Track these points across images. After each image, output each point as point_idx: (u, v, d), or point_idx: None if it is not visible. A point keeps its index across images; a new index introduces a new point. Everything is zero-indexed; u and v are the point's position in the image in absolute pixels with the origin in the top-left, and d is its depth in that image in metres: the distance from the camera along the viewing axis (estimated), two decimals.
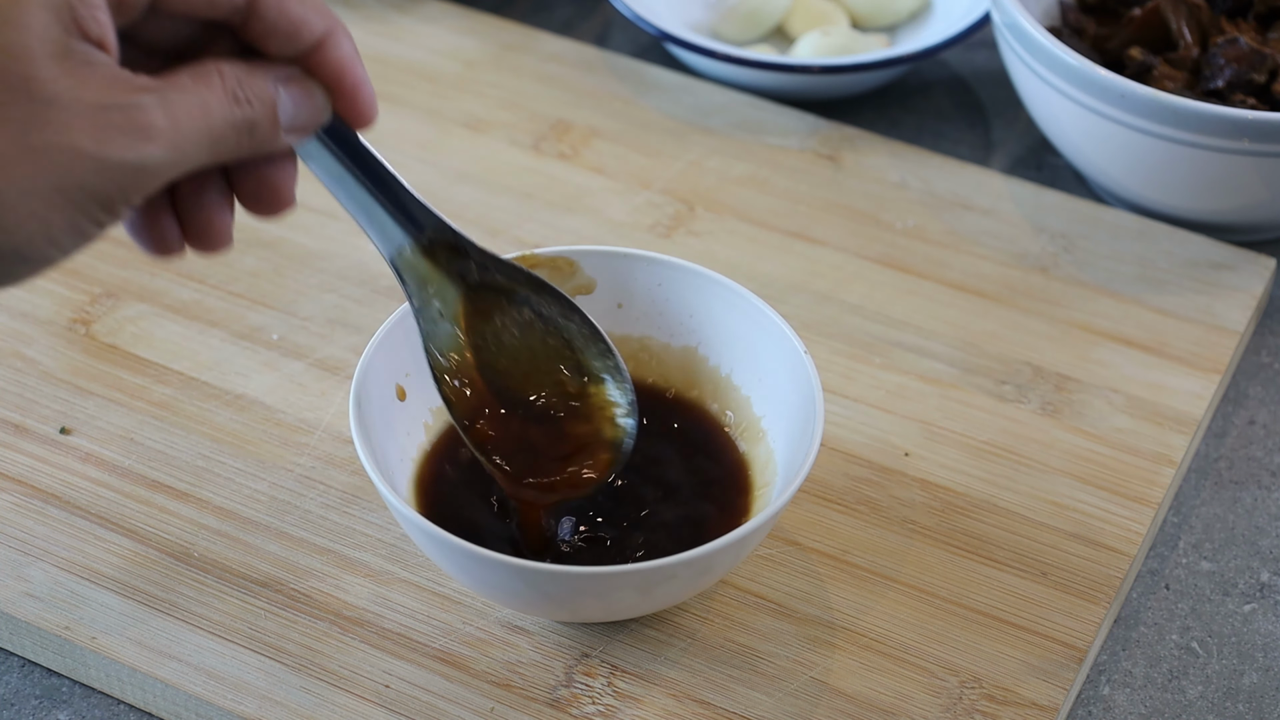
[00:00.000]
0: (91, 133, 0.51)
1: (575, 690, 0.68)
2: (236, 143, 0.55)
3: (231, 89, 0.55)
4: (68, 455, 0.76)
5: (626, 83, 0.97)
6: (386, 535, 0.73)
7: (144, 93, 0.52)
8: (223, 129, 0.55)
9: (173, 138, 0.53)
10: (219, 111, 0.55)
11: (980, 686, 0.69)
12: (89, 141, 0.51)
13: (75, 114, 0.51)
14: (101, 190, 0.52)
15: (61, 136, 0.51)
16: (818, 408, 0.68)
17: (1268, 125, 0.82)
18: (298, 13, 0.56)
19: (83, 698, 0.70)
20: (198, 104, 0.54)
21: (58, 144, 0.51)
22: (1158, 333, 0.84)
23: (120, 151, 0.52)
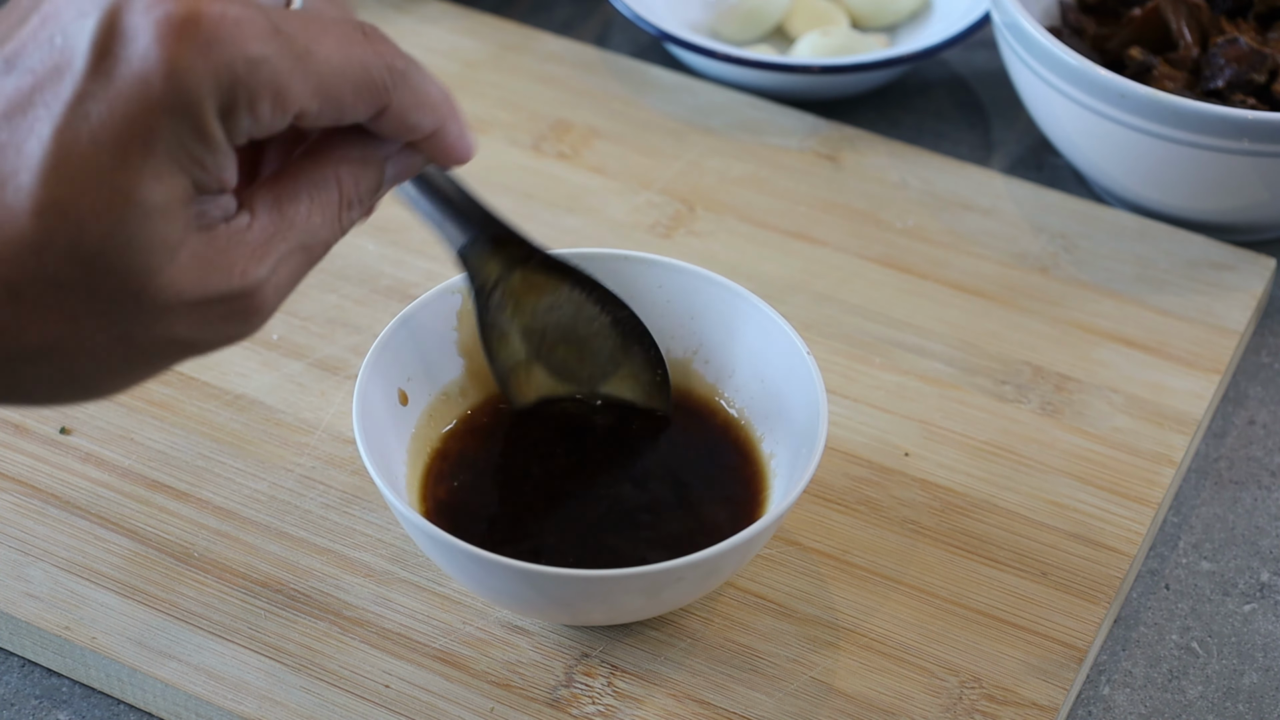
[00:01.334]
0: (193, 327, 0.50)
1: (575, 690, 0.68)
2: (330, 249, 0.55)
3: (348, 198, 0.54)
4: (68, 455, 0.76)
5: (626, 83, 0.97)
6: (386, 535, 0.73)
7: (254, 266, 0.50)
8: (323, 252, 0.54)
9: (273, 306, 0.52)
10: (324, 243, 0.53)
11: (980, 686, 0.69)
12: (189, 333, 0.50)
13: (180, 314, 0.49)
14: (189, 357, 0.52)
15: (163, 332, 0.50)
16: (821, 409, 0.68)
17: (1268, 125, 0.82)
18: (414, 120, 0.54)
19: (83, 698, 0.70)
20: (305, 248, 0.52)
21: (156, 338, 0.50)
22: (1158, 333, 0.84)
23: (219, 338, 0.51)
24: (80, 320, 0.49)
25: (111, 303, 0.49)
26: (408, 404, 0.71)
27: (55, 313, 0.48)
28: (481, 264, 0.70)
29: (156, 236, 0.48)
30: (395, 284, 0.84)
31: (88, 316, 0.49)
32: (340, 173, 0.54)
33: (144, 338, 0.50)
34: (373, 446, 0.67)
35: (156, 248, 0.48)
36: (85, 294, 0.48)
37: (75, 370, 0.50)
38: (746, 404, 0.73)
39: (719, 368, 0.74)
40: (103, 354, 0.50)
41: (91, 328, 0.49)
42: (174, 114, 0.47)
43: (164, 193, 0.48)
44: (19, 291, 0.48)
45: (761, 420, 0.73)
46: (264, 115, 0.49)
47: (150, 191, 0.48)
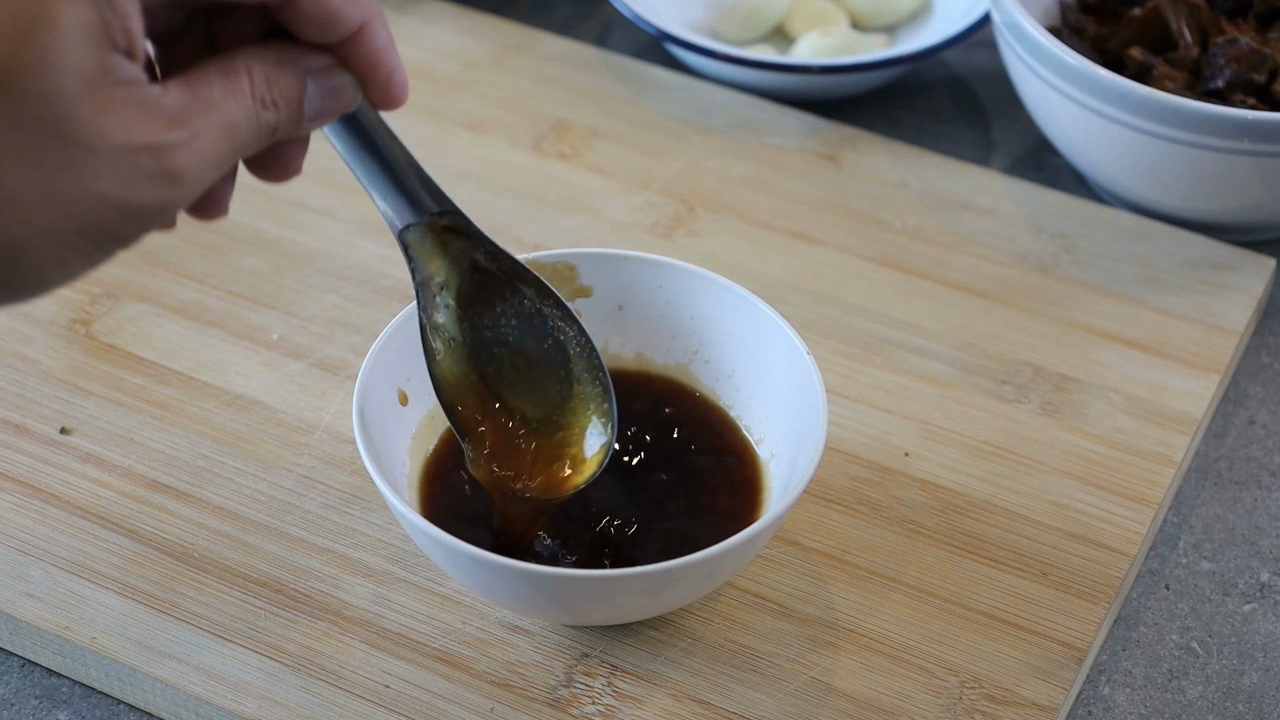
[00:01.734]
0: (118, 178, 0.50)
1: (575, 690, 0.68)
2: (256, 147, 0.54)
3: (260, 94, 0.54)
4: (68, 455, 0.76)
5: (626, 83, 0.97)
6: (386, 535, 0.73)
7: (173, 128, 0.51)
8: (246, 142, 0.54)
9: (198, 175, 0.52)
10: (245, 127, 0.53)
11: (980, 686, 0.69)
12: (115, 188, 0.50)
13: (104, 159, 0.50)
14: (121, 229, 0.51)
15: (88, 183, 0.50)
16: (821, 409, 0.68)
17: (1268, 125, 0.82)
18: (336, 4, 0.54)
19: (83, 698, 0.70)
20: (224, 126, 0.52)
21: (84, 190, 0.50)
22: (1158, 333, 0.84)
23: (145, 196, 0.51)
24: (2, 159, 0.48)
25: (32, 133, 0.48)
26: (408, 404, 0.71)
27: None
28: (428, 254, 0.66)
29: (71, 57, 0.48)
30: (395, 284, 0.84)
31: (9, 154, 0.48)
32: (250, 65, 0.54)
33: (69, 189, 0.49)
34: (372, 446, 0.67)
35: (72, 69, 0.48)
36: (4, 122, 0.48)
37: (5, 231, 0.49)
38: (746, 404, 0.73)
39: (719, 368, 0.74)
40: (30, 207, 0.49)
41: (15, 168, 0.48)
42: None
43: (74, 13, 0.48)
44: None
45: (762, 420, 0.73)
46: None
47: (59, 11, 0.48)
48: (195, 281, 0.84)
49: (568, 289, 0.74)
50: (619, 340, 0.75)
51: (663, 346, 0.75)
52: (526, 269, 0.68)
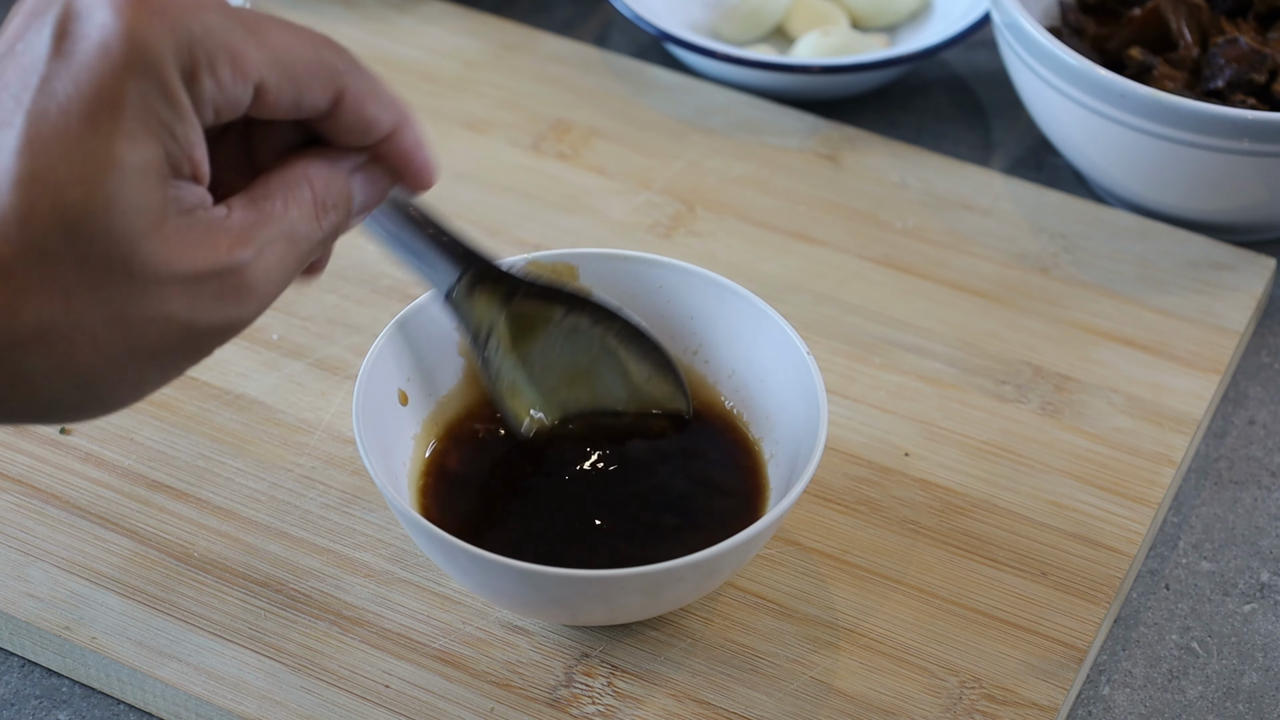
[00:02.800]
0: (188, 304, 0.51)
1: (575, 690, 0.68)
2: (318, 252, 0.56)
3: (320, 199, 0.55)
4: (68, 455, 0.76)
5: (626, 83, 0.97)
6: (386, 535, 0.73)
7: (239, 247, 0.52)
8: (309, 249, 0.55)
9: (265, 290, 0.53)
10: (307, 237, 0.54)
11: (980, 686, 0.69)
12: (185, 311, 0.51)
13: (171, 289, 0.50)
14: (192, 349, 0.52)
15: (159, 310, 0.50)
16: (821, 410, 0.68)
17: (1268, 125, 0.82)
18: (373, 113, 0.56)
19: (83, 698, 0.70)
20: (288, 239, 0.53)
21: (154, 317, 0.50)
22: (1158, 333, 0.84)
23: (215, 317, 0.52)
24: (73, 296, 0.49)
25: (101, 272, 0.49)
26: (408, 404, 0.71)
27: (48, 287, 0.49)
28: (471, 307, 0.69)
29: (137, 198, 0.49)
30: (395, 284, 0.84)
31: (80, 291, 0.49)
32: (309, 173, 0.55)
33: (139, 316, 0.50)
34: (372, 446, 0.67)
35: (138, 209, 0.49)
36: (75, 263, 0.49)
37: (77, 360, 0.50)
38: (746, 404, 0.73)
39: (719, 367, 0.74)
40: (102, 338, 0.50)
41: (85, 305, 0.49)
42: (137, 74, 0.49)
43: (138, 155, 0.49)
44: (9, 268, 0.48)
45: (762, 420, 0.72)
46: (225, 79, 0.51)
47: (124, 153, 0.49)
48: None
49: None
50: None
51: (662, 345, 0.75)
52: (556, 288, 0.71)
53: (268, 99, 0.52)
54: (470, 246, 0.68)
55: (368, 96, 0.56)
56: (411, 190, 0.59)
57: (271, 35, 0.52)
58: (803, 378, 0.70)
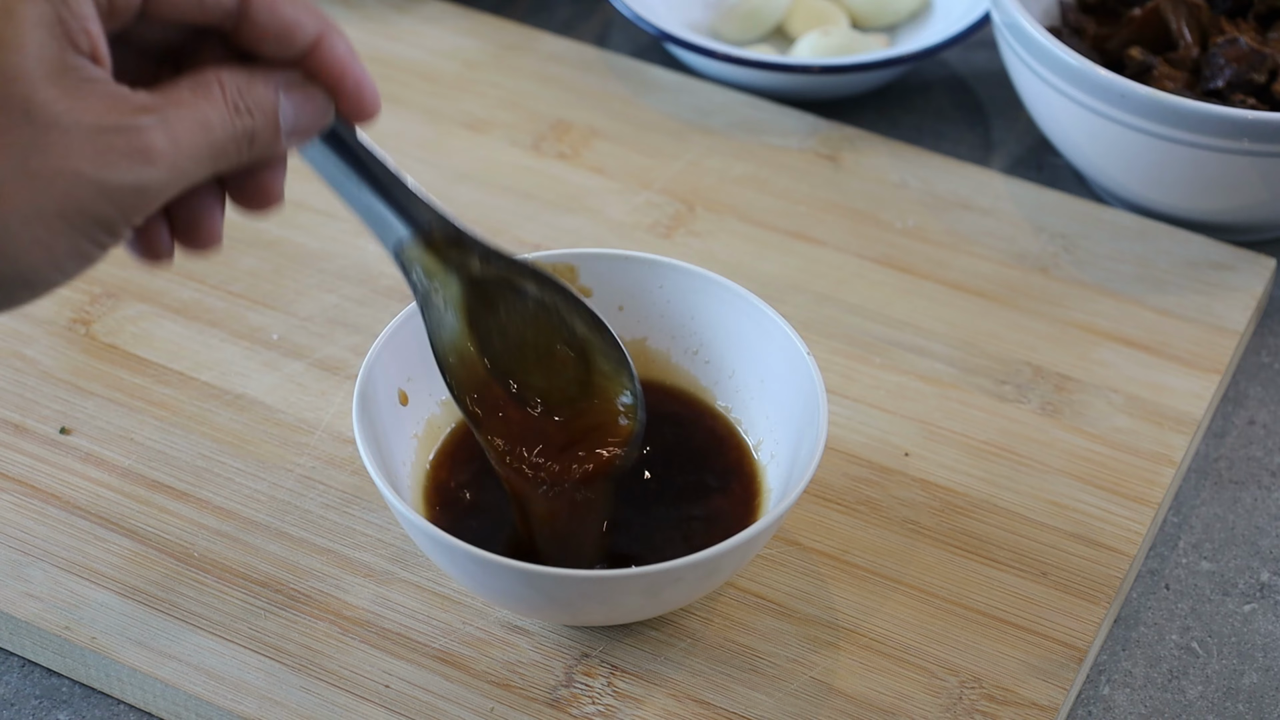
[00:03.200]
0: (92, 156, 0.51)
1: (575, 690, 0.68)
2: (237, 154, 0.55)
3: (233, 100, 0.55)
4: (68, 455, 0.76)
5: (626, 83, 0.97)
6: (386, 535, 0.73)
7: (144, 113, 0.52)
8: (224, 143, 0.54)
9: (174, 158, 0.53)
10: (220, 126, 0.54)
11: (980, 686, 0.69)
12: (90, 165, 0.51)
13: (75, 137, 0.51)
14: (103, 213, 0.52)
15: (63, 161, 0.50)
16: (821, 410, 0.67)
17: (1268, 125, 0.82)
18: (290, 14, 0.55)
19: (83, 698, 0.70)
20: (198, 121, 0.53)
21: (59, 169, 0.50)
22: (1158, 333, 0.84)
23: (121, 175, 0.51)
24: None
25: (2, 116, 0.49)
26: (408, 404, 0.71)
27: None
28: (425, 269, 0.66)
29: (34, 42, 0.50)
30: (395, 284, 0.84)
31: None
32: (220, 75, 0.55)
33: (44, 167, 0.50)
34: (372, 447, 0.67)
35: (35, 55, 0.50)
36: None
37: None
38: (746, 404, 0.73)
39: (719, 368, 0.74)
40: (7, 190, 0.50)
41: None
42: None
43: (30, 9, 0.50)
44: None
45: (762, 420, 0.72)
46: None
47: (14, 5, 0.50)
48: (195, 281, 0.84)
49: None
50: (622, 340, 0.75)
51: (663, 346, 0.75)
52: (525, 264, 0.67)
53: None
54: (427, 200, 0.64)
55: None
56: (353, 118, 0.58)
57: None
58: (803, 378, 0.70)
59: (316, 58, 0.57)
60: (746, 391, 0.73)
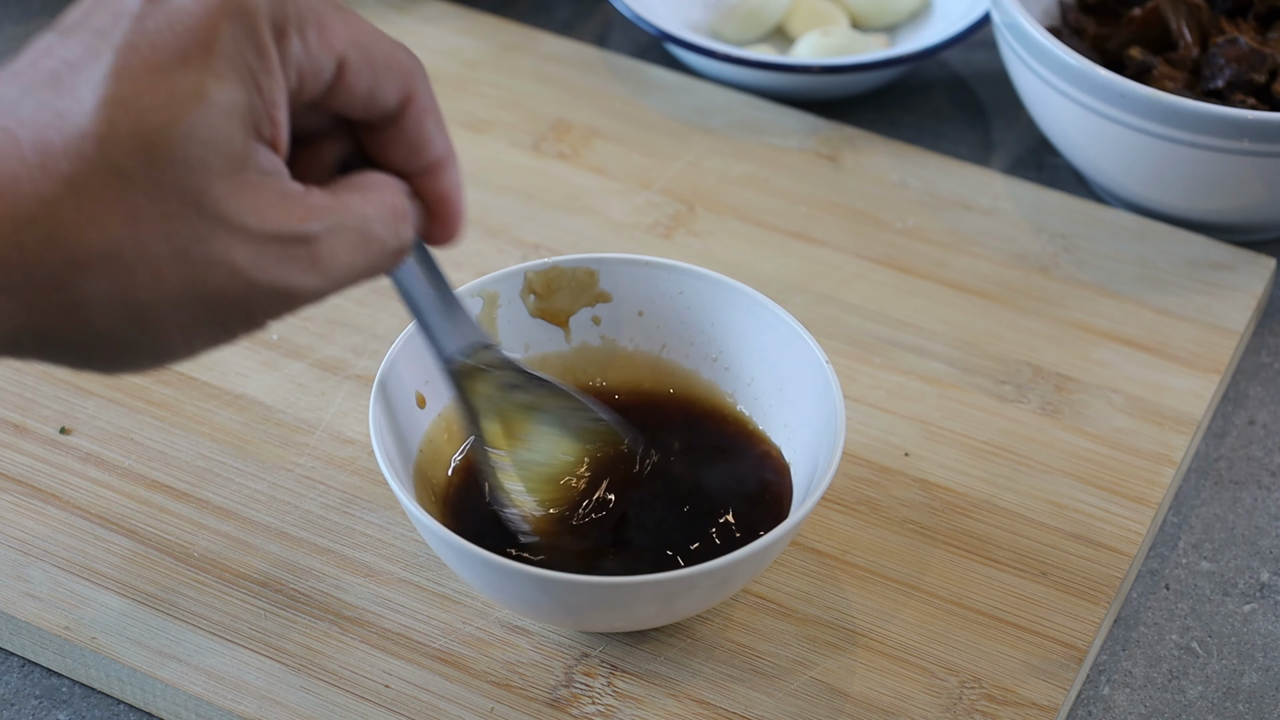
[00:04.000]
0: (252, 257, 0.51)
1: (575, 690, 0.68)
2: (385, 265, 0.55)
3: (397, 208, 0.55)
4: (68, 455, 0.76)
5: (626, 83, 0.97)
6: (386, 535, 0.73)
7: (311, 220, 0.52)
8: (381, 255, 0.55)
9: (331, 272, 0.53)
10: (379, 240, 0.54)
11: (980, 686, 0.69)
12: (249, 265, 0.50)
13: (241, 237, 0.50)
14: (249, 309, 0.52)
15: (223, 256, 0.50)
16: (839, 418, 0.67)
17: (1268, 125, 0.82)
18: (431, 130, 0.56)
19: (83, 698, 0.70)
20: (360, 235, 0.53)
21: (218, 262, 0.50)
22: (1158, 333, 0.84)
23: (278, 279, 0.51)
24: (141, 223, 0.49)
25: (173, 202, 0.49)
26: (425, 407, 0.71)
27: (118, 209, 0.49)
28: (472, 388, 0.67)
29: (218, 135, 0.49)
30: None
31: (149, 219, 0.49)
32: (388, 180, 0.56)
33: (203, 257, 0.50)
34: (389, 448, 0.66)
35: (218, 146, 0.49)
36: (148, 189, 0.49)
37: (136, 293, 0.49)
38: (765, 411, 0.73)
39: (738, 375, 0.74)
40: (163, 273, 0.50)
41: (152, 234, 0.49)
42: (231, 18, 0.50)
43: (224, 94, 0.49)
44: (82, 184, 0.48)
45: (780, 428, 0.72)
46: (312, 42, 0.51)
47: (211, 89, 0.49)
48: None
49: (587, 295, 0.74)
50: (641, 346, 0.75)
51: (682, 352, 0.75)
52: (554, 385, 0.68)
53: (347, 78, 0.53)
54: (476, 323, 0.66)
55: (431, 111, 0.56)
56: (438, 242, 0.59)
57: (355, 18, 0.53)
58: (821, 387, 0.69)
59: (431, 179, 0.57)
60: (766, 399, 0.73)
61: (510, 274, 0.73)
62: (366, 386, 0.78)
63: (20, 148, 0.48)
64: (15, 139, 0.49)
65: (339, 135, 0.57)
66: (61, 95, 0.49)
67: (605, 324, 0.74)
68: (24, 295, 0.49)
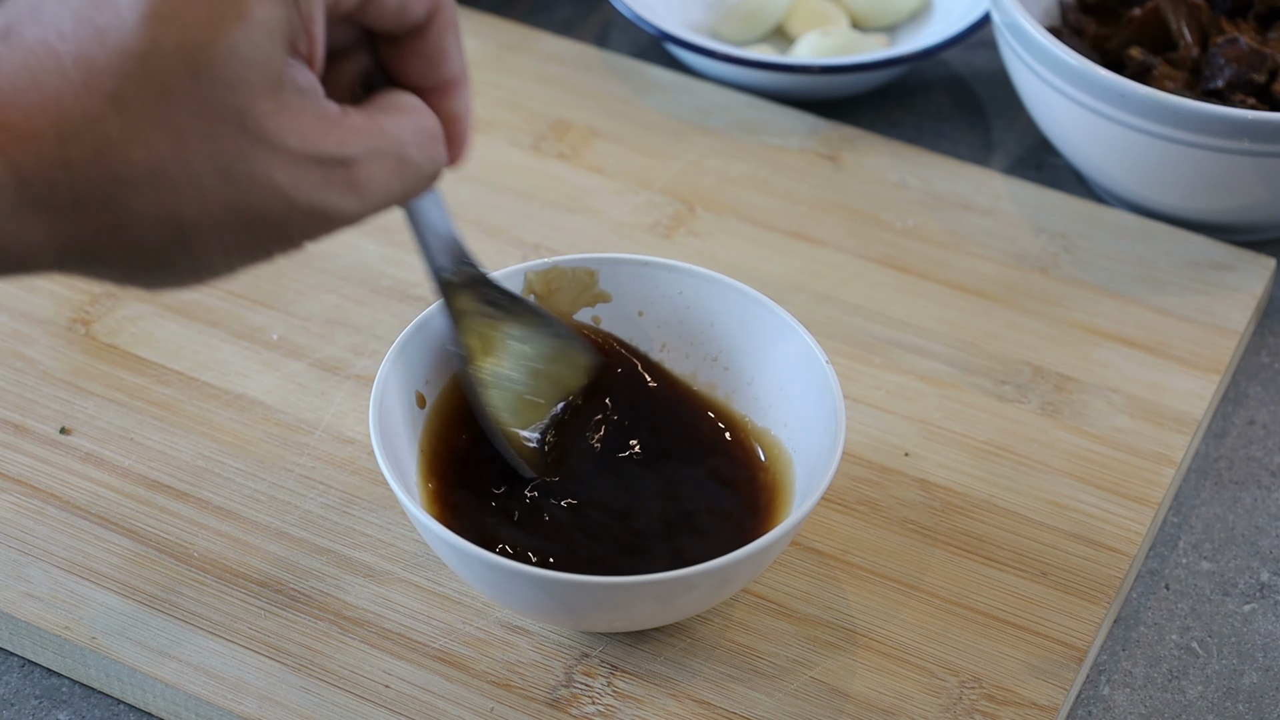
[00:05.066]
0: (293, 177, 0.51)
1: (575, 690, 0.68)
2: (424, 185, 0.56)
3: (431, 130, 0.55)
4: (68, 455, 0.76)
5: (626, 83, 0.97)
6: (386, 535, 0.73)
7: (350, 143, 0.52)
8: (416, 179, 0.55)
9: (367, 196, 0.53)
10: (415, 162, 0.55)
11: (980, 686, 0.69)
12: (290, 185, 0.51)
13: (282, 156, 0.50)
14: (288, 229, 0.52)
15: (264, 174, 0.50)
16: (839, 418, 0.67)
17: (1268, 125, 0.82)
18: (450, 44, 0.57)
19: (83, 698, 0.70)
20: (397, 159, 0.54)
21: (259, 180, 0.50)
22: (1158, 333, 0.84)
23: (318, 200, 0.52)
24: (186, 140, 0.49)
25: (217, 121, 0.49)
26: (426, 406, 0.71)
27: (163, 125, 0.48)
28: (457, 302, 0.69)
29: (259, 52, 0.49)
30: (395, 284, 0.84)
31: (193, 136, 0.49)
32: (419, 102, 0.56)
33: (246, 175, 0.50)
34: (388, 448, 0.66)
35: (259, 64, 0.49)
36: (192, 105, 0.49)
37: (180, 210, 0.49)
38: (765, 411, 0.73)
39: (738, 375, 0.74)
40: (207, 190, 0.50)
41: (197, 151, 0.49)
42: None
43: (265, 10, 0.49)
44: (126, 101, 0.48)
45: (780, 428, 0.72)
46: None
47: (250, 3, 0.49)
48: None
49: (587, 294, 0.74)
50: (641, 346, 0.75)
51: (682, 352, 0.75)
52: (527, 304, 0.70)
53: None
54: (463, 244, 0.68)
55: (453, 25, 0.56)
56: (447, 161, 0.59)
57: None
58: (821, 387, 0.69)
59: (445, 96, 0.57)
60: (766, 399, 0.73)
61: (510, 274, 0.73)
62: (366, 386, 0.78)
63: (63, 64, 0.48)
64: (57, 55, 0.48)
65: (362, 50, 0.57)
66: (102, 10, 0.49)
67: (606, 323, 0.74)
68: (72, 214, 0.49)
